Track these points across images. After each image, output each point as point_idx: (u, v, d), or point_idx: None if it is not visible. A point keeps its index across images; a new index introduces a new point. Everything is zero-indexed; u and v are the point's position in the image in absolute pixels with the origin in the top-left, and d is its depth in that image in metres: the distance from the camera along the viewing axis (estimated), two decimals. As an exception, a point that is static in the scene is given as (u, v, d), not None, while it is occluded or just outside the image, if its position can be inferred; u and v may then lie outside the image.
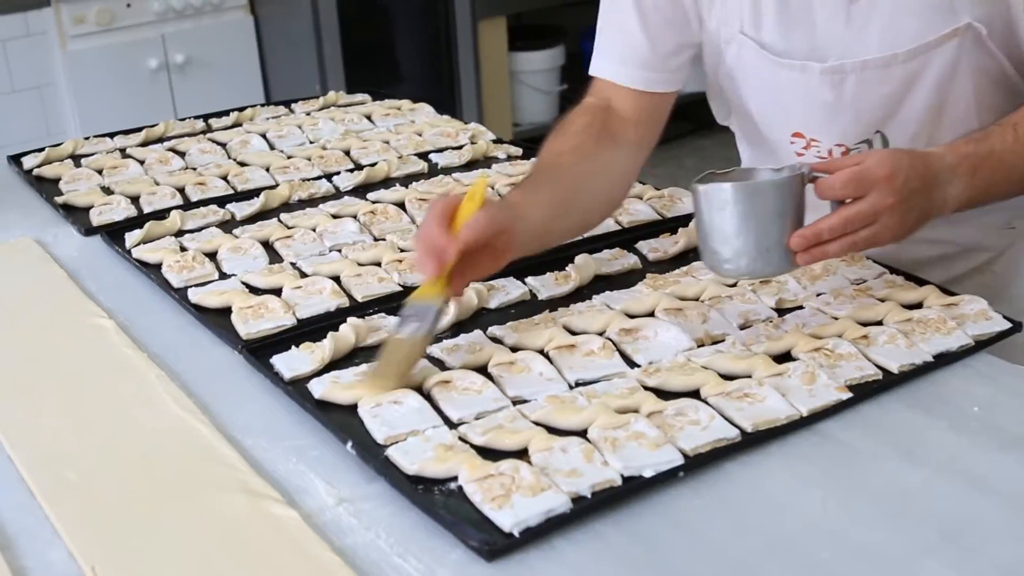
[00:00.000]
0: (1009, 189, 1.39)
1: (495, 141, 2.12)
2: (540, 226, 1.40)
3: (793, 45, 1.48)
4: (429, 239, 1.27)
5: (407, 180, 1.93)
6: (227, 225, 1.76)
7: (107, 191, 1.92)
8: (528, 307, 1.47)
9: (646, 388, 1.23)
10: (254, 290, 1.52)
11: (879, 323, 1.36)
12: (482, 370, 1.28)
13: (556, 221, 1.45)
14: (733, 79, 1.58)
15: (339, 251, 1.63)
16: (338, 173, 1.96)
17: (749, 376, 1.24)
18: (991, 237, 1.61)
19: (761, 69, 1.52)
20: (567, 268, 1.53)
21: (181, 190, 1.91)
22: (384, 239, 1.67)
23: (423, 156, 2.04)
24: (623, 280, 1.53)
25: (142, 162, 2.05)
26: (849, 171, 1.26)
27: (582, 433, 1.14)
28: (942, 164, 1.32)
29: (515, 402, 1.22)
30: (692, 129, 5.31)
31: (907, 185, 1.26)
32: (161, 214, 1.79)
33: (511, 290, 1.49)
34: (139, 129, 2.22)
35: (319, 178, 1.94)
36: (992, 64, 1.44)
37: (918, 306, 1.40)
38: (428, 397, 1.23)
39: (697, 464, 1.11)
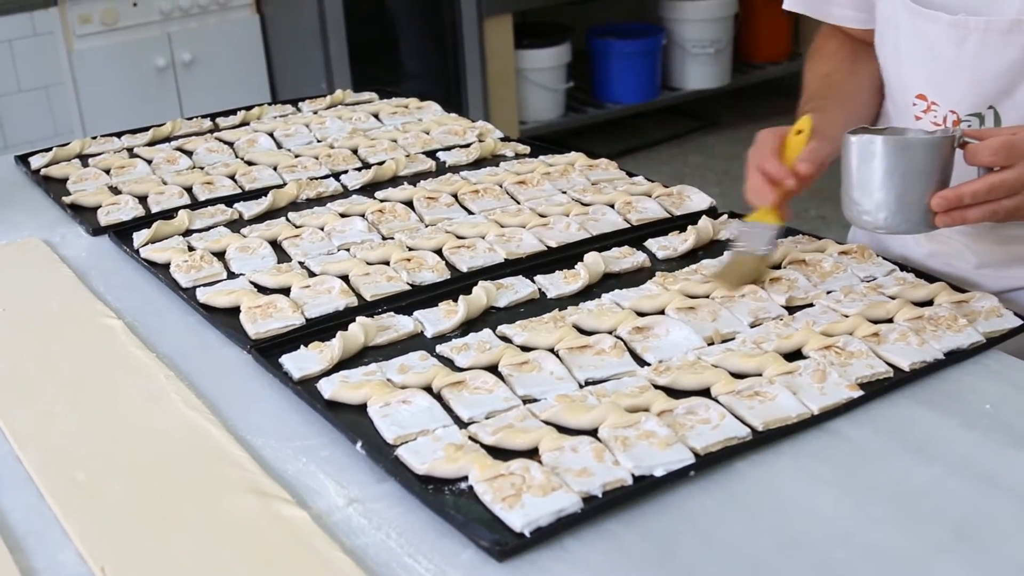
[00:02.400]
0: None
1: (503, 139, 2.12)
2: (836, 144, 1.43)
3: None
4: (767, 169, 1.40)
5: (415, 178, 1.92)
6: (235, 224, 1.76)
7: (115, 191, 1.92)
8: (537, 306, 1.46)
9: (656, 387, 1.23)
10: (262, 289, 1.52)
11: (890, 321, 1.35)
12: (492, 369, 1.28)
13: (841, 131, 1.45)
14: (880, 34, 1.58)
15: (347, 250, 1.63)
16: (346, 172, 1.96)
17: (760, 374, 1.24)
18: None
19: (902, 19, 1.51)
20: (576, 267, 1.53)
21: (189, 189, 1.91)
22: (392, 238, 1.66)
23: (431, 154, 2.04)
24: (632, 278, 1.52)
25: (149, 161, 2.05)
26: (1001, 139, 1.27)
27: (592, 432, 1.14)
28: None
29: (525, 401, 1.22)
30: (698, 127, 5.32)
31: None
32: (169, 214, 1.79)
33: (520, 289, 1.49)
34: (146, 128, 2.22)
35: (327, 177, 1.94)
36: None
37: (929, 303, 1.40)
38: (438, 396, 1.23)
39: (708, 463, 1.11)
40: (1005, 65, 1.41)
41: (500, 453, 1.11)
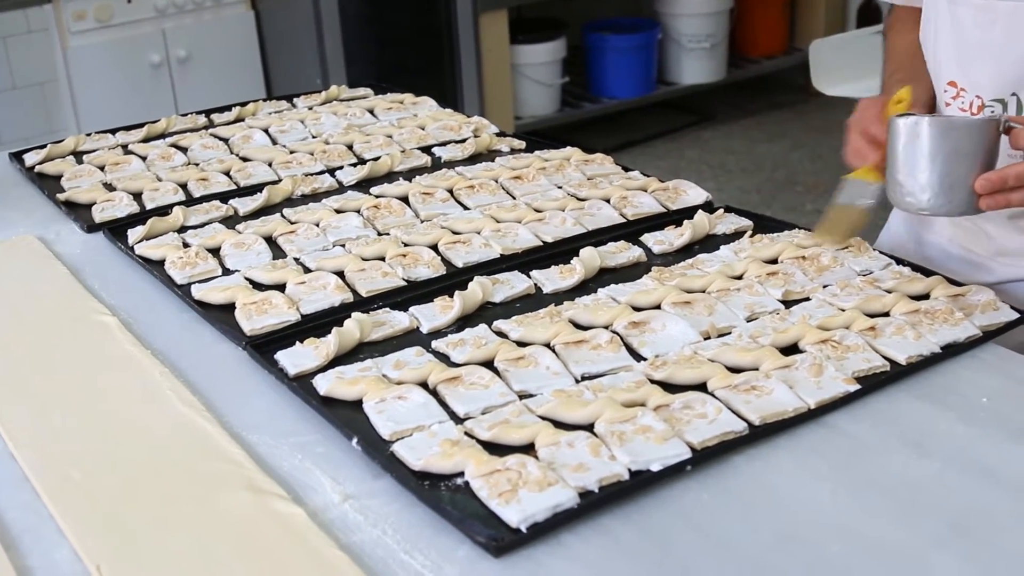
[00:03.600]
0: None
1: (498, 134, 2.12)
2: (927, 110, 1.54)
3: None
4: (871, 131, 1.44)
5: (410, 174, 1.92)
6: (230, 221, 1.76)
7: (109, 187, 1.92)
8: (533, 301, 1.46)
9: (653, 381, 1.23)
10: (257, 286, 1.52)
11: (886, 314, 1.35)
12: (488, 364, 1.28)
13: (931, 101, 1.57)
14: (924, 21, 1.59)
15: (343, 246, 1.63)
16: (341, 167, 1.96)
17: (756, 369, 1.24)
18: None
19: (940, 4, 1.52)
20: (572, 262, 1.53)
21: (183, 186, 1.90)
22: (388, 233, 1.66)
23: (426, 150, 2.04)
24: (628, 273, 1.52)
25: (144, 158, 2.05)
26: None
27: (589, 427, 1.14)
28: None
29: (521, 396, 1.22)
30: (694, 121, 5.31)
31: None
32: (163, 210, 1.78)
33: (516, 284, 1.49)
34: (141, 125, 2.22)
35: (322, 173, 1.94)
36: None
37: (925, 297, 1.39)
38: (434, 392, 1.23)
39: (705, 457, 1.10)
40: None
41: (496, 448, 1.11)
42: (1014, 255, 1.56)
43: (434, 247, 1.60)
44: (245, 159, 2.02)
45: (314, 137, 2.13)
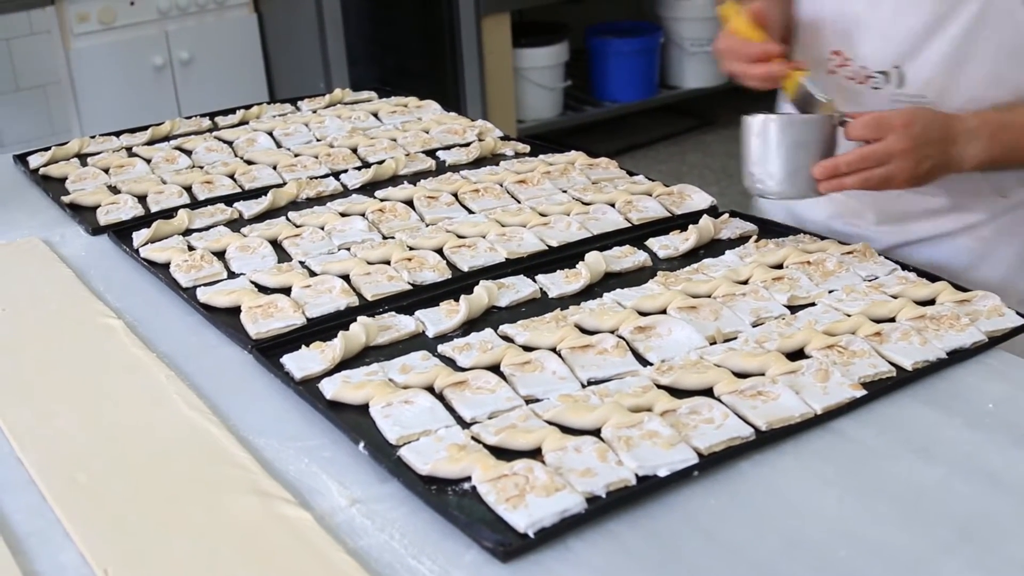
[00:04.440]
0: (1020, 156, 1.52)
1: (503, 138, 2.12)
2: (780, 19, 1.68)
3: None
4: (753, 52, 1.56)
5: (415, 177, 1.92)
6: (235, 224, 1.76)
7: (114, 190, 1.92)
8: (538, 305, 1.46)
9: (659, 387, 1.23)
10: (263, 289, 1.52)
11: (892, 320, 1.35)
12: (494, 369, 1.28)
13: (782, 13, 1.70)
14: None
15: (348, 249, 1.63)
16: (346, 171, 1.96)
17: (762, 374, 1.23)
18: (982, 202, 1.65)
19: None
20: (577, 266, 1.53)
21: (188, 189, 1.90)
22: (393, 237, 1.66)
23: (431, 153, 2.04)
24: (633, 277, 1.52)
25: (148, 161, 2.05)
26: (870, 115, 1.45)
27: (596, 432, 1.14)
28: (963, 126, 1.47)
29: (528, 401, 1.22)
30: (695, 126, 5.31)
31: (923, 135, 1.44)
32: (168, 213, 1.78)
33: (521, 288, 1.49)
34: (145, 128, 2.22)
35: (327, 176, 1.94)
36: (1017, 37, 1.53)
37: (931, 303, 1.39)
38: (440, 397, 1.23)
39: (711, 463, 1.10)
40: (912, 28, 1.56)
41: (503, 453, 1.11)
42: (893, 223, 1.69)
43: (439, 251, 1.60)
44: (250, 162, 2.02)
45: (318, 140, 2.14)
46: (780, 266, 1.51)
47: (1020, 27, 1.52)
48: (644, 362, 1.30)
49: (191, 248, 1.65)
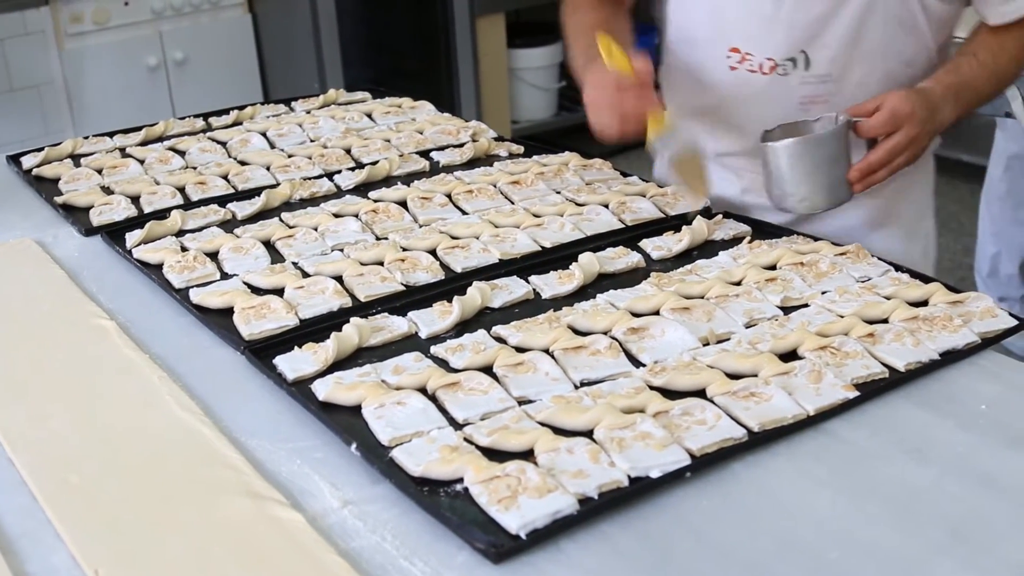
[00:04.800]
0: (976, 104, 1.72)
1: (496, 139, 2.12)
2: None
3: None
4: (631, 89, 1.60)
5: (409, 178, 1.92)
6: (228, 225, 1.76)
7: (107, 191, 1.92)
8: (532, 306, 1.46)
9: (652, 388, 1.22)
10: (256, 290, 1.51)
11: (885, 321, 1.35)
12: (487, 370, 1.27)
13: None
14: (680, 2, 1.84)
15: (341, 250, 1.63)
16: (339, 172, 1.96)
17: (755, 375, 1.23)
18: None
19: None
20: (570, 267, 1.52)
21: (181, 189, 1.90)
22: (386, 238, 1.66)
23: (424, 154, 2.04)
24: (627, 278, 1.52)
25: (142, 161, 2.05)
26: (885, 113, 1.57)
27: (588, 434, 1.14)
28: (936, 96, 1.62)
29: (520, 402, 1.21)
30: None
31: (923, 116, 1.58)
32: (161, 214, 1.78)
33: (515, 289, 1.48)
34: (139, 128, 2.21)
35: (320, 177, 1.93)
36: (906, 13, 1.68)
37: (924, 304, 1.39)
38: (433, 398, 1.22)
39: (704, 464, 1.10)
40: (815, 15, 1.67)
41: (495, 455, 1.11)
42: None
43: (433, 252, 1.60)
44: (243, 163, 2.02)
45: (312, 141, 2.13)
46: (773, 267, 1.51)
47: (909, 3, 1.67)
48: (637, 363, 1.30)
49: (184, 249, 1.65)
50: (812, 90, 1.70)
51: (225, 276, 1.57)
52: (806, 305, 1.41)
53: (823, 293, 1.43)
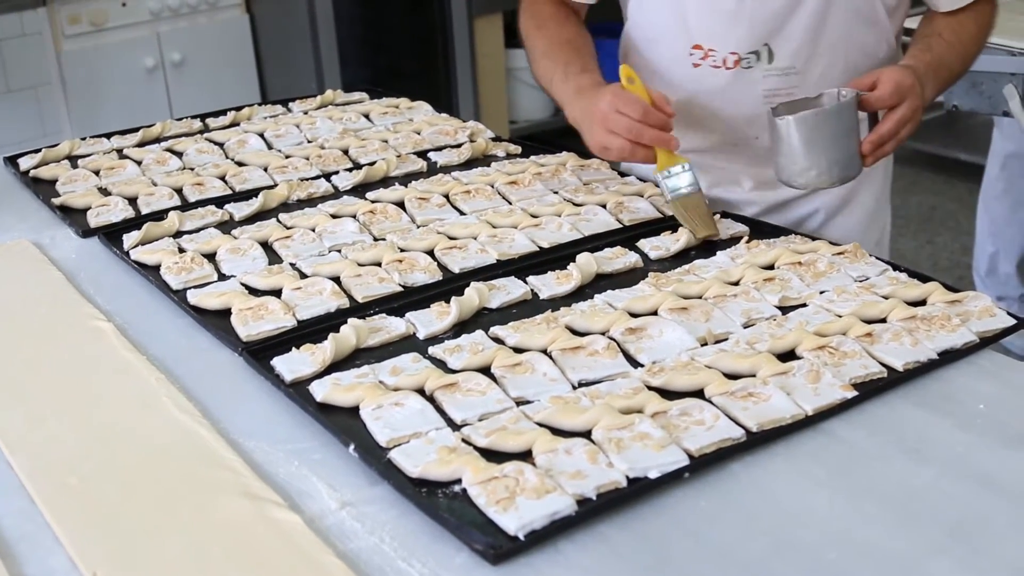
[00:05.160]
0: (949, 82, 1.79)
1: (494, 139, 2.12)
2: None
3: None
4: (651, 121, 1.61)
5: (406, 179, 1.92)
6: (225, 226, 1.76)
7: (104, 192, 1.91)
8: (529, 307, 1.46)
9: (650, 388, 1.22)
10: (253, 291, 1.51)
11: (883, 321, 1.35)
12: (485, 371, 1.27)
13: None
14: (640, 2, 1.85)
15: (339, 251, 1.63)
16: (337, 172, 1.95)
17: (753, 375, 1.23)
18: None
19: None
20: (568, 267, 1.52)
21: (179, 191, 1.90)
22: (384, 239, 1.66)
23: (422, 155, 2.04)
24: (625, 279, 1.52)
25: (139, 163, 2.05)
26: (892, 85, 1.59)
27: (586, 434, 1.14)
28: (920, 71, 1.65)
29: (518, 403, 1.21)
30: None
31: (919, 89, 1.61)
32: (159, 215, 1.78)
33: (512, 289, 1.48)
34: (136, 129, 2.21)
35: (317, 177, 1.93)
36: (865, 6, 1.73)
37: (922, 303, 1.39)
38: (431, 399, 1.22)
39: (702, 465, 1.10)
40: (777, 8, 1.71)
41: (493, 455, 1.11)
42: (765, 188, 1.83)
43: (430, 252, 1.60)
44: (240, 164, 2.02)
45: (309, 142, 2.13)
46: (771, 267, 1.51)
47: None
48: (635, 363, 1.30)
49: (181, 250, 1.65)
50: (775, 83, 1.74)
51: (223, 277, 1.57)
52: (804, 305, 1.41)
53: (821, 293, 1.43)
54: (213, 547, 1.03)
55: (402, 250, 1.60)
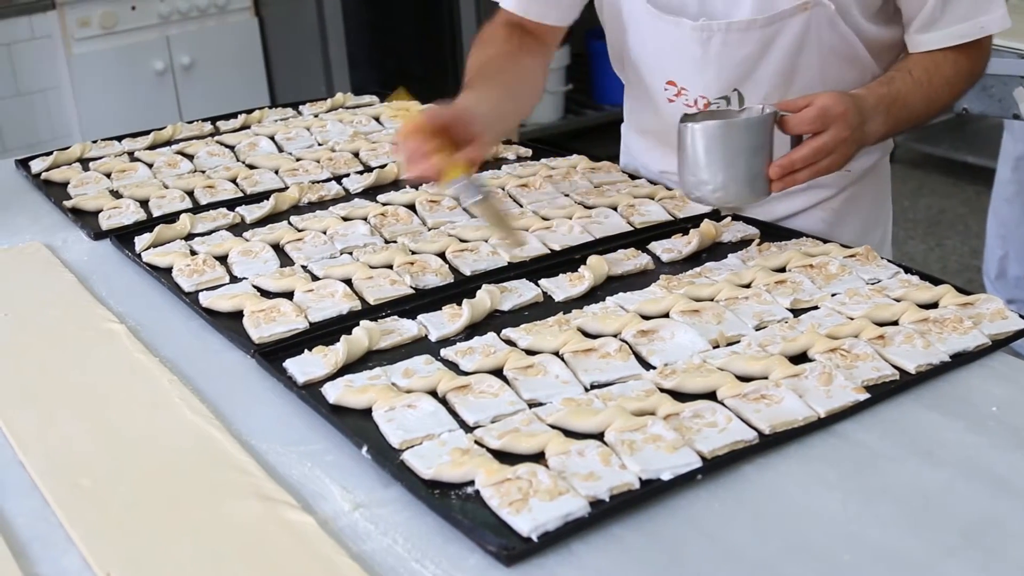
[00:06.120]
0: (909, 123, 1.65)
1: (504, 142, 2.12)
2: (494, 111, 1.61)
3: (672, 2, 1.68)
4: (412, 149, 1.47)
5: (416, 183, 1.92)
6: (237, 228, 1.76)
7: (116, 195, 1.92)
8: (541, 309, 1.46)
9: (662, 390, 1.22)
10: (265, 293, 1.51)
11: (895, 323, 1.35)
12: (497, 373, 1.27)
13: (505, 104, 1.67)
14: (622, 27, 1.79)
15: (350, 254, 1.63)
16: (347, 175, 1.96)
17: (765, 377, 1.23)
18: (832, 178, 1.70)
19: (643, 20, 1.73)
20: (580, 269, 1.52)
21: (190, 193, 1.90)
22: (395, 241, 1.66)
23: (432, 157, 2.03)
24: (636, 281, 1.52)
25: (150, 165, 2.05)
26: (816, 108, 1.47)
27: (599, 436, 1.14)
28: (867, 103, 1.54)
29: (531, 405, 1.21)
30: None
31: (854, 119, 1.49)
32: (170, 217, 1.78)
33: (524, 292, 1.48)
34: (147, 132, 2.22)
35: (328, 180, 1.94)
36: (842, 44, 1.65)
37: (934, 306, 1.39)
38: (443, 401, 1.23)
39: (715, 466, 1.10)
40: (745, 55, 1.66)
41: (506, 457, 1.11)
42: (758, 207, 1.71)
43: (442, 255, 1.60)
44: (251, 166, 2.02)
45: (320, 145, 2.14)
46: (782, 269, 1.51)
47: (844, 34, 1.64)
48: (647, 366, 1.30)
49: (193, 252, 1.65)
50: None
51: (234, 279, 1.57)
52: (816, 307, 1.41)
53: (833, 295, 1.43)
54: (226, 548, 1.03)
55: (413, 252, 1.60)
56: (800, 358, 1.28)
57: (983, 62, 1.69)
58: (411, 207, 1.78)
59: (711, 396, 1.21)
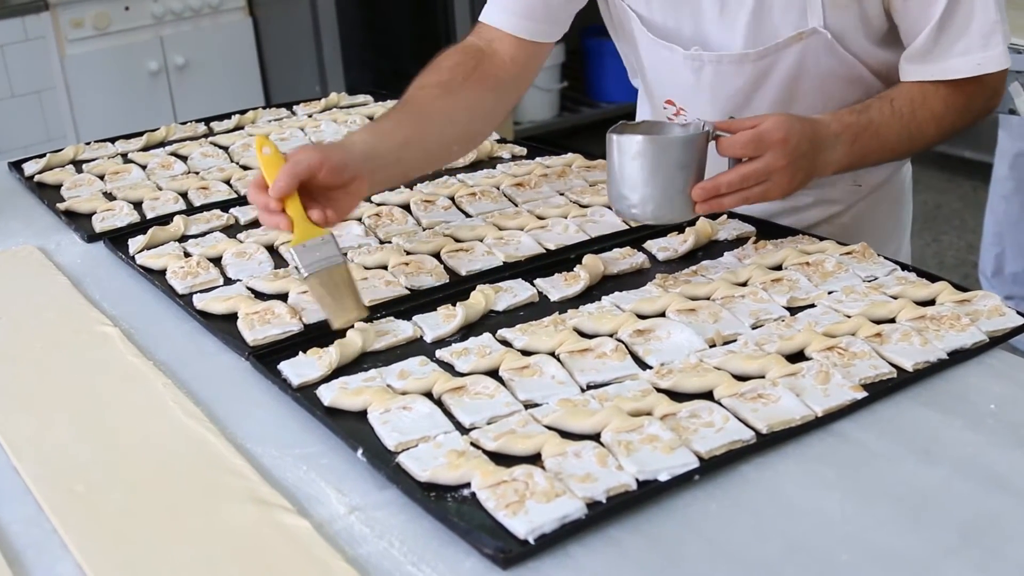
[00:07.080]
0: (882, 156, 1.58)
1: (499, 141, 2.11)
2: (391, 156, 1.52)
3: (667, 26, 1.65)
4: (260, 205, 1.40)
5: (412, 182, 1.91)
6: (231, 229, 1.75)
7: (109, 197, 1.91)
8: (537, 309, 1.46)
9: (659, 390, 1.22)
10: (259, 295, 1.51)
11: (892, 321, 1.34)
12: (493, 374, 1.27)
13: (408, 150, 1.56)
14: (628, 41, 1.78)
15: (345, 255, 1.62)
16: (342, 175, 1.95)
17: (762, 376, 1.23)
18: (840, 192, 1.74)
19: (641, 40, 1.71)
20: (575, 268, 1.52)
21: (184, 195, 1.90)
22: (390, 242, 1.66)
23: (427, 157, 2.03)
24: (632, 280, 1.52)
25: (144, 167, 2.04)
26: (750, 132, 1.41)
27: (595, 437, 1.13)
28: (828, 131, 1.48)
29: (527, 406, 1.21)
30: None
31: (798, 148, 1.42)
32: (164, 219, 1.78)
33: (519, 292, 1.48)
34: (140, 133, 2.21)
35: (323, 181, 1.92)
36: (842, 67, 1.60)
37: (931, 303, 1.39)
38: (439, 402, 1.22)
39: (712, 467, 1.10)
40: (739, 86, 1.63)
41: (502, 459, 1.10)
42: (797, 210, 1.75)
43: (436, 255, 1.60)
44: (246, 167, 2.02)
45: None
46: (779, 267, 1.50)
47: (843, 58, 1.59)
48: (643, 365, 1.29)
49: (187, 254, 1.64)
50: None
51: (228, 281, 1.57)
52: (812, 305, 1.40)
53: (829, 293, 1.43)
54: (221, 553, 1.03)
55: (408, 253, 1.60)
56: (797, 357, 1.28)
57: (982, 99, 1.59)
58: (406, 207, 1.78)
59: (708, 396, 1.20)
